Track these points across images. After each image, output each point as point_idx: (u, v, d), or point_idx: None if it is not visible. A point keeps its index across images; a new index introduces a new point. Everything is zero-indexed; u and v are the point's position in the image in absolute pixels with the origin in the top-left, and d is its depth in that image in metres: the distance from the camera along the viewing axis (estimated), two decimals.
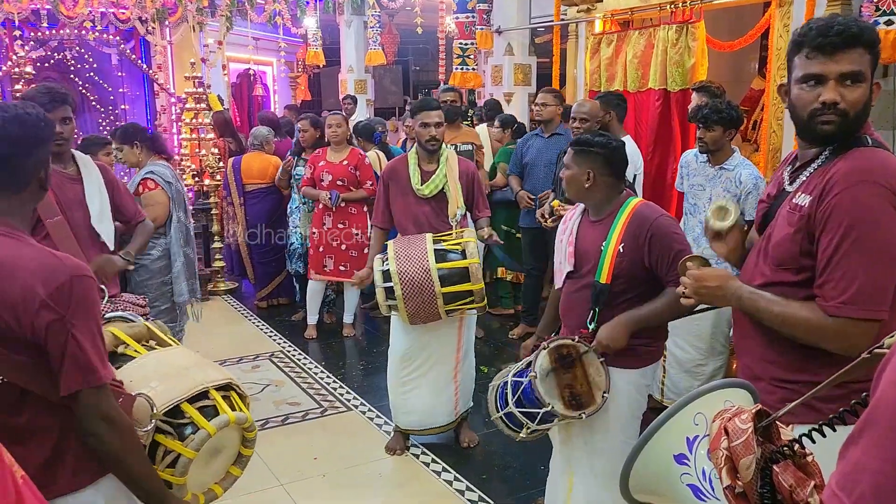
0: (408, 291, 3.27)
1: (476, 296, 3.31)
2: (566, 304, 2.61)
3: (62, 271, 1.51)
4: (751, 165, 3.78)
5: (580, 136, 2.57)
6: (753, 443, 1.04)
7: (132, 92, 9.51)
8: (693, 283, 1.81)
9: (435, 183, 3.59)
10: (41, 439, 1.57)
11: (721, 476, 1.07)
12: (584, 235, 2.57)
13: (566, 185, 2.55)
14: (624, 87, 5.72)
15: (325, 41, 11.40)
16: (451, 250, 3.34)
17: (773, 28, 5.00)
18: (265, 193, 6.10)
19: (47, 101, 2.59)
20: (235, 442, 1.93)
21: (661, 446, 1.29)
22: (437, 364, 3.63)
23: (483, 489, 3.37)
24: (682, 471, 1.27)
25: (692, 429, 1.27)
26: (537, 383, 2.31)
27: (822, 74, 1.62)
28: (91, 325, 1.54)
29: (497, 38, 7.70)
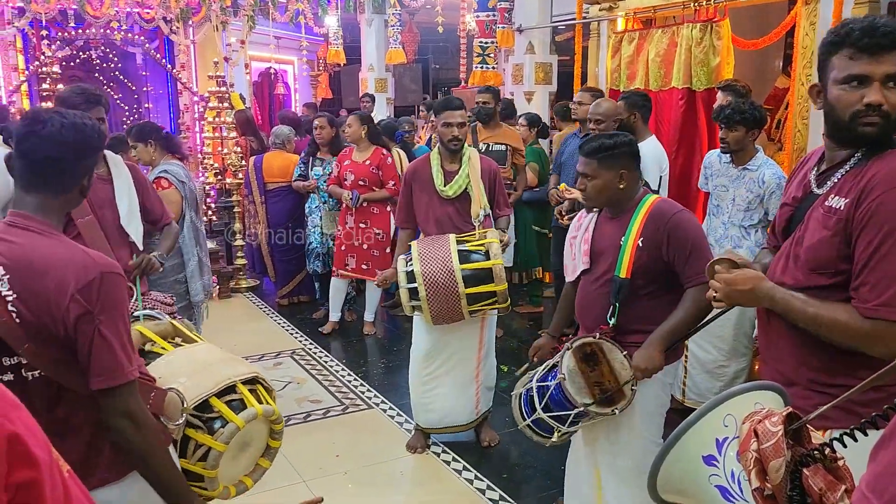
0: (432, 292, 3.28)
1: (499, 296, 3.32)
2: (583, 304, 2.61)
3: (93, 268, 1.55)
4: (774, 165, 3.75)
5: (596, 143, 2.49)
6: (783, 445, 1.04)
7: (156, 91, 9.62)
8: (724, 287, 1.78)
9: (458, 183, 3.59)
10: (78, 433, 1.61)
11: (750, 478, 1.07)
12: (601, 233, 2.57)
13: (596, 194, 2.50)
14: (646, 86, 5.68)
15: (346, 40, 11.46)
16: (475, 251, 3.35)
17: (798, 26, 4.94)
18: (286, 192, 6.14)
19: (82, 102, 2.64)
20: (263, 434, 1.97)
21: (690, 447, 1.29)
22: (459, 363, 3.64)
23: (504, 488, 3.38)
24: (710, 472, 1.26)
25: (722, 430, 1.26)
26: (566, 384, 2.31)
27: (867, 75, 1.60)
28: (118, 321, 1.57)
29: (518, 36, 7.68)
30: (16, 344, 1.53)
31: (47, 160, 1.60)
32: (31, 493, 0.80)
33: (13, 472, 0.77)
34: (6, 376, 1.57)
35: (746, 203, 3.72)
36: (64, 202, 1.67)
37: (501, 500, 3.29)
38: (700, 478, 1.28)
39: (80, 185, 1.67)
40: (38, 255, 1.54)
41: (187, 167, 4.32)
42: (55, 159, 1.60)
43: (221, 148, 7.17)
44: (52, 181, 1.62)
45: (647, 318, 2.45)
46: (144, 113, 9.47)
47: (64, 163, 1.61)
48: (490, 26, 7.93)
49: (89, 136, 1.64)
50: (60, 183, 1.63)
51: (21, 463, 0.78)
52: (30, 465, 0.79)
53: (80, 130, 1.61)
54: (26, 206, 1.61)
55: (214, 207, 7.38)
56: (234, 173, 6.84)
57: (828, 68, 1.68)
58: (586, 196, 2.54)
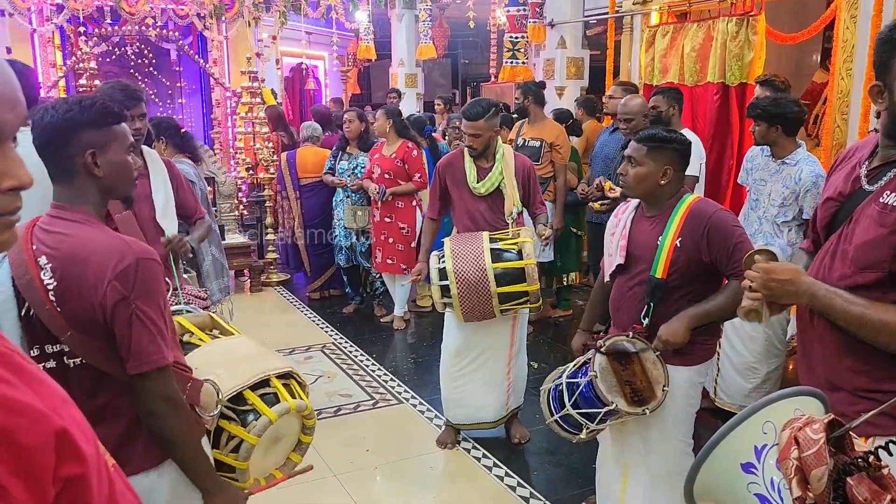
0: (463, 290, 3.28)
1: (531, 296, 3.31)
2: (617, 302, 2.59)
3: (129, 254, 1.57)
4: (814, 162, 3.66)
5: (653, 131, 2.47)
6: (826, 454, 1.01)
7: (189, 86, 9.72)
8: (762, 276, 1.69)
9: (491, 181, 3.57)
10: (117, 420, 1.64)
11: (791, 487, 1.04)
12: (638, 230, 2.53)
13: (635, 182, 2.46)
14: (680, 80, 5.61)
15: (376, 35, 11.47)
16: (508, 250, 3.34)
17: (838, 19, 4.84)
18: (320, 186, 6.18)
19: (124, 99, 2.68)
20: (295, 429, 1.98)
21: (727, 454, 1.26)
22: (490, 360, 3.64)
23: (534, 486, 3.37)
24: (749, 480, 1.23)
25: (761, 437, 1.23)
26: (598, 382, 2.30)
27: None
28: (154, 307, 1.59)
29: (549, 31, 7.63)
30: (59, 332, 1.57)
31: (43, 148, 1.62)
32: (78, 488, 0.81)
33: (61, 466, 0.78)
34: (49, 363, 1.62)
35: (781, 199, 3.65)
36: (81, 188, 1.65)
37: (532, 498, 3.28)
38: (738, 486, 1.25)
39: (81, 166, 1.63)
40: (78, 244, 1.58)
41: (198, 168, 4.34)
42: (45, 144, 1.61)
43: (253, 143, 7.23)
44: (56, 167, 1.64)
45: None
46: (178, 108, 9.59)
47: (53, 146, 1.61)
48: (521, 21, 7.88)
49: (68, 114, 1.61)
50: (59, 167, 1.64)
51: (69, 458, 0.79)
52: (77, 460, 0.81)
53: (59, 111, 1.60)
54: (59, 198, 1.66)
55: (246, 202, 7.45)
56: (265, 168, 6.90)
57: (892, 66, 1.59)
58: (625, 182, 2.51)
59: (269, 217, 6.97)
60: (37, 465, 0.75)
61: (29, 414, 0.76)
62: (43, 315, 1.58)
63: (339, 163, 5.82)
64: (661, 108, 4.27)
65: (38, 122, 1.61)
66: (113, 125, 1.68)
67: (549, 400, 2.52)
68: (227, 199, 6.81)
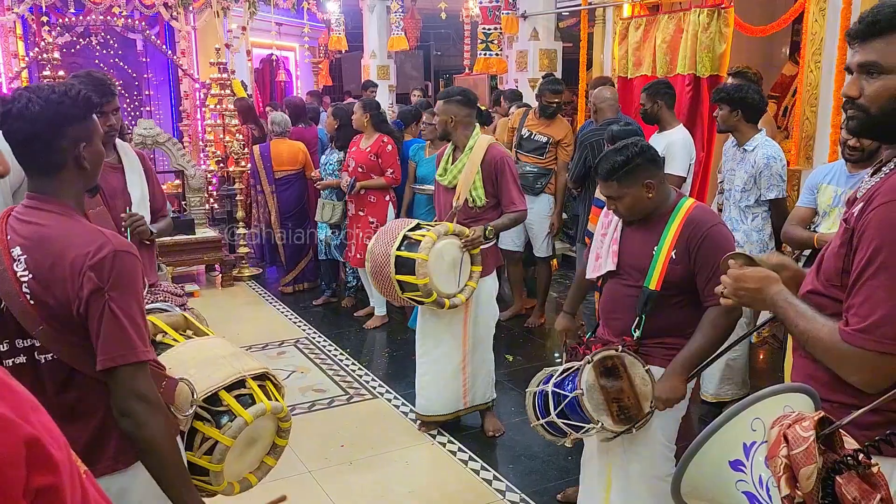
0: (373, 270, 3.48)
1: (421, 291, 3.34)
2: (609, 305, 2.53)
3: (106, 245, 1.53)
4: (771, 146, 3.73)
5: (608, 164, 2.35)
6: (815, 452, 1.00)
7: (156, 77, 9.56)
8: (732, 283, 1.67)
9: (453, 173, 3.58)
10: (87, 419, 1.59)
11: (780, 485, 1.03)
12: (631, 235, 2.47)
13: (629, 212, 2.38)
14: (652, 73, 5.63)
15: (348, 26, 11.37)
16: (417, 240, 3.37)
17: (808, 12, 4.89)
18: (295, 179, 6.13)
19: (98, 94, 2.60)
20: (271, 432, 1.94)
21: (716, 452, 1.24)
22: (444, 353, 3.68)
23: (510, 478, 3.37)
24: (737, 477, 1.22)
25: (749, 435, 1.21)
26: (584, 400, 2.24)
27: (848, 66, 1.51)
28: (131, 300, 1.54)
29: (522, 22, 7.61)
30: (30, 326, 1.52)
31: (25, 139, 1.55)
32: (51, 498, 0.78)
33: (32, 477, 0.74)
34: (19, 359, 1.57)
35: (743, 183, 3.74)
36: (65, 180, 1.60)
37: (508, 491, 3.27)
38: (726, 483, 1.23)
39: (73, 158, 1.59)
40: (54, 235, 1.53)
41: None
42: (31, 136, 1.54)
43: (223, 135, 7.12)
44: (39, 160, 1.57)
45: (674, 326, 2.39)
46: (145, 100, 9.41)
47: (41, 139, 1.55)
48: (493, 13, 7.85)
49: (60, 106, 1.55)
50: (47, 160, 1.57)
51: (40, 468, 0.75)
52: (49, 470, 0.77)
53: (49, 102, 1.54)
54: (35, 188, 1.60)
55: (216, 196, 7.34)
56: (236, 161, 6.79)
57: None
58: (621, 216, 2.44)
59: (240, 211, 6.87)
60: (5, 476, 0.72)
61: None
62: (15, 308, 1.52)
63: (326, 157, 5.83)
64: (647, 106, 4.28)
65: (19, 113, 1.52)
66: (92, 115, 1.64)
67: (534, 404, 2.48)
68: (196, 193, 6.69)
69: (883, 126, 1.49)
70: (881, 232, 1.39)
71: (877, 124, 1.49)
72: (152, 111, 9.44)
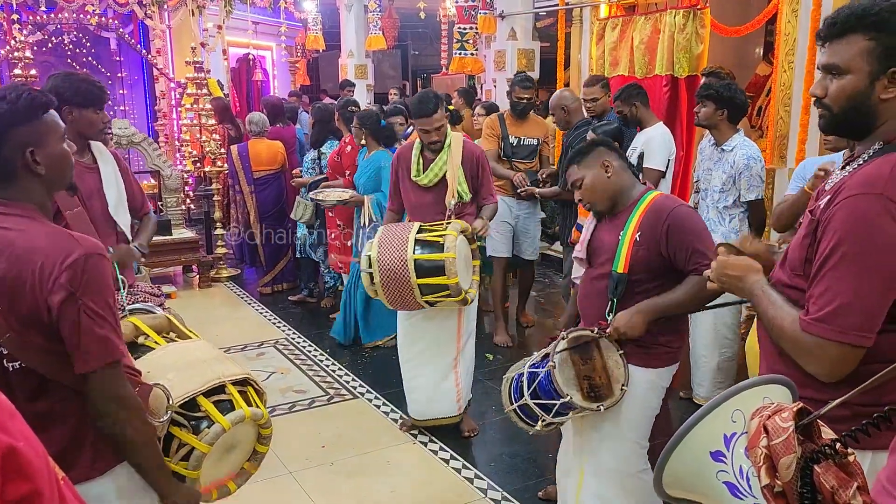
0: (386, 279, 3.32)
1: (451, 290, 3.31)
2: (584, 297, 2.59)
3: (76, 249, 1.49)
4: (749, 146, 3.77)
5: (573, 153, 2.54)
6: (794, 442, 1.03)
7: (130, 76, 9.46)
8: (717, 269, 1.74)
9: (434, 172, 3.57)
10: (60, 426, 1.56)
11: (760, 475, 1.05)
12: (601, 228, 2.55)
13: (590, 194, 2.48)
14: (630, 73, 5.67)
15: (325, 26, 11.32)
16: (433, 241, 3.34)
17: (780, 13, 4.96)
18: (274, 179, 6.11)
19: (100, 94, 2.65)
20: (251, 438, 1.92)
21: (697, 443, 1.27)
22: (439, 352, 3.66)
23: (491, 477, 3.38)
24: (718, 468, 1.24)
25: (730, 426, 1.24)
26: (556, 373, 2.28)
27: (817, 66, 1.59)
28: (102, 303, 1.52)
29: (500, 22, 7.63)
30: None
31: None
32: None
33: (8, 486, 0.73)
34: None
35: (721, 184, 3.76)
36: (22, 187, 1.55)
37: (489, 489, 3.29)
38: (707, 474, 1.26)
39: (22, 166, 1.54)
40: (21, 240, 1.49)
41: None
42: None
43: (200, 135, 7.05)
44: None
45: None
46: (119, 98, 9.30)
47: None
48: (469, 12, 7.87)
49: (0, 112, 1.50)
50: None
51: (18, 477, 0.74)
52: (26, 478, 0.76)
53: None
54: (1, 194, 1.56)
55: (193, 196, 7.27)
56: (213, 161, 6.73)
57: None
58: (585, 202, 2.52)
59: (217, 211, 6.81)
60: None
61: None
62: None
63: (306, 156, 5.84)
64: (625, 111, 4.32)
65: None
66: (44, 116, 1.57)
67: (510, 389, 2.51)
68: (173, 194, 6.63)
69: (844, 125, 1.56)
70: (845, 225, 1.43)
71: (839, 123, 1.55)
72: (127, 111, 9.34)
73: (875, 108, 1.49)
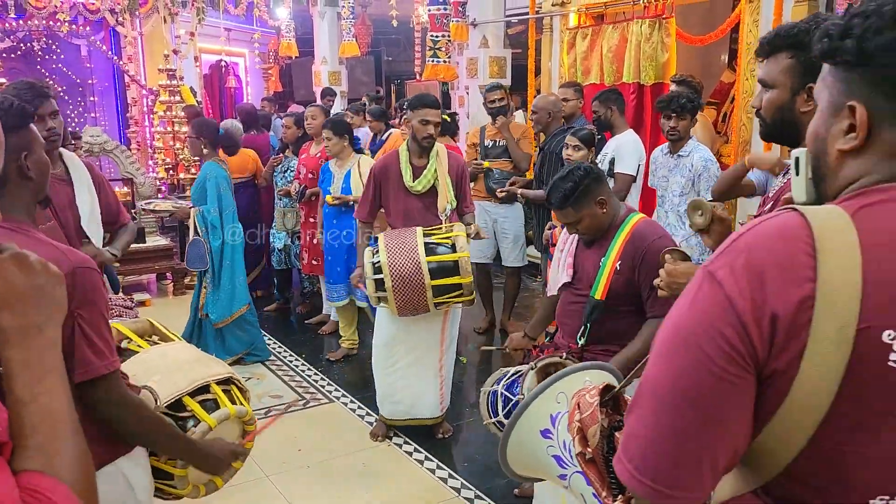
0: (398, 283, 3.32)
1: (465, 289, 3.38)
2: (562, 314, 2.68)
3: (65, 263, 1.53)
4: (704, 150, 3.95)
5: (559, 193, 2.48)
6: (598, 413, 1.16)
7: (101, 83, 9.39)
8: (666, 277, 1.81)
9: (427, 178, 3.64)
10: None
11: (574, 444, 1.19)
12: (583, 249, 2.62)
13: (591, 231, 2.50)
14: (600, 81, 5.81)
15: (298, 32, 11.34)
16: (441, 244, 3.40)
17: (742, 23, 5.12)
18: (244, 186, 6.10)
19: (31, 98, 2.57)
20: (236, 435, 1.98)
21: (529, 424, 1.44)
22: (423, 355, 3.70)
23: (466, 477, 3.45)
24: (547, 444, 1.42)
25: (555, 406, 1.42)
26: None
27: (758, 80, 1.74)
28: (97, 314, 1.57)
29: (472, 30, 7.74)
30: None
31: None
32: None
33: None
34: None
35: (680, 188, 3.92)
36: (11, 193, 1.61)
37: (463, 489, 3.36)
38: (539, 450, 1.43)
39: (14, 169, 1.59)
40: None
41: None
42: None
43: (173, 142, 7.04)
44: None
45: (618, 335, 2.50)
46: (90, 106, 9.24)
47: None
48: (441, 20, 7.95)
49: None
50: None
51: None
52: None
53: None
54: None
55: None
56: (186, 168, 6.74)
57: None
58: (582, 235, 2.57)
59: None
60: None
61: None
62: None
63: (291, 162, 5.81)
64: (601, 113, 4.46)
65: None
66: (31, 124, 1.65)
67: (487, 403, 2.58)
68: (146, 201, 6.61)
69: (776, 133, 1.69)
70: None
71: (771, 132, 1.70)
72: (97, 118, 9.28)
73: (798, 119, 1.61)
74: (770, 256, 0.89)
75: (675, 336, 0.94)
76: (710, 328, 0.90)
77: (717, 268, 0.93)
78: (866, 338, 0.85)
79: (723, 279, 0.91)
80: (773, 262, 0.89)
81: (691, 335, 0.92)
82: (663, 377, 0.94)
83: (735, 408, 0.90)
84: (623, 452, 0.96)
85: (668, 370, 0.94)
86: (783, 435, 0.90)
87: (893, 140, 0.92)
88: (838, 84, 0.96)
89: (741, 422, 0.91)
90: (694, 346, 0.91)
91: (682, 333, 0.94)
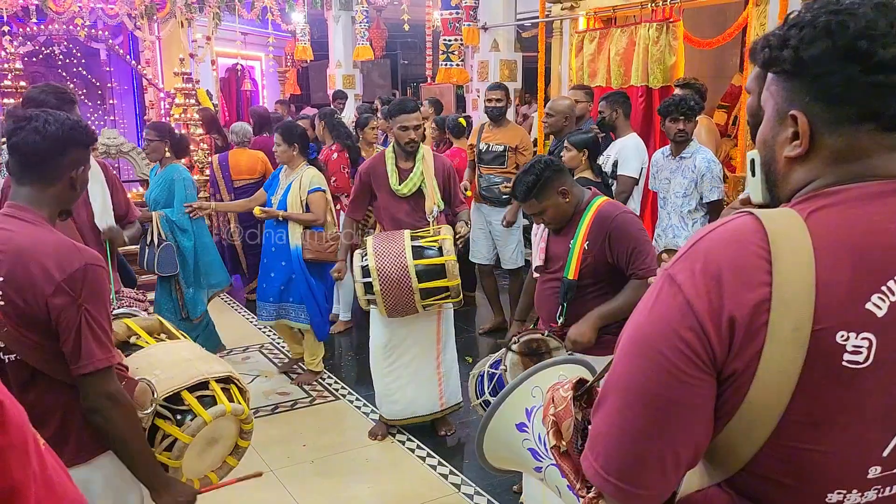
0: (386, 287, 3.39)
1: (452, 291, 3.43)
2: (539, 299, 2.78)
3: (78, 258, 1.65)
4: (706, 150, 4.00)
5: (521, 186, 2.60)
6: (572, 407, 1.19)
7: (120, 87, 9.54)
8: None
9: (413, 181, 3.69)
10: (48, 417, 1.69)
11: (549, 437, 1.21)
12: (554, 235, 2.73)
13: (556, 221, 2.64)
14: (607, 84, 5.83)
15: (313, 35, 11.46)
16: (429, 247, 3.46)
17: (750, 26, 5.13)
18: (254, 188, 6.18)
19: (54, 101, 2.68)
20: (233, 433, 2.04)
21: (504, 417, 1.47)
22: (419, 356, 3.76)
23: (466, 474, 3.50)
24: (523, 437, 1.45)
25: (530, 400, 1.45)
26: (507, 376, 2.44)
27: None
28: (101, 310, 1.67)
29: (483, 34, 7.79)
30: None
31: (32, 153, 1.70)
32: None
33: None
34: None
35: (683, 189, 3.96)
36: (54, 195, 1.75)
37: (463, 485, 3.41)
38: (515, 443, 1.47)
39: (68, 177, 1.75)
40: (27, 243, 1.64)
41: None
42: (39, 151, 1.70)
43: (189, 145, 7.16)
44: (39, 173, 1.72)
45: None
46: (109, 109, 9.40)
47: (47, 155, 1.71)
48: (454, 24, 8.01)
49: (72, 131, 1.73)
50: (46, 175, 1.73)
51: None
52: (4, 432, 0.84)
53: (63, 125, 1.71)
54: (19, 198, 1.72)
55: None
56: (200, 170, 6.85)
57: None
58: (549, 226, 2.70)
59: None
60: None
61: None
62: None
63: None
64: (605, 114, 4.51)
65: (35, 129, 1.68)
66: (90, 148, 1.82)
67: (476, 384, 2.66)
68: None
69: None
70: None
71: (754, 137, 1.73)
72: (116, 120, 9.43)
73: None
74: (726, 260, 0.92)
75: (637, 337, 0.98)
76: (669, 330, 0.93)
77: (677, 271, 0.96)
78: (821, 339, 0.88)
79: (682, 282, 0.94)
80: (730, 265, 0.92)
81: (651, 337, 0.95)
82: (627, 377, 0.97)
83: (695, 408, 0.93)
84: (590, 450, 1.00)
85: (631, 370, 0.97)
86: (744, 432, 0.94)
87: (836, 146, 0.96)
88: (781, 93, 1.00)
89: (702, 421, 0.94)
90: (654, 347, 0.94)
91: (643, 334, 0.97)
